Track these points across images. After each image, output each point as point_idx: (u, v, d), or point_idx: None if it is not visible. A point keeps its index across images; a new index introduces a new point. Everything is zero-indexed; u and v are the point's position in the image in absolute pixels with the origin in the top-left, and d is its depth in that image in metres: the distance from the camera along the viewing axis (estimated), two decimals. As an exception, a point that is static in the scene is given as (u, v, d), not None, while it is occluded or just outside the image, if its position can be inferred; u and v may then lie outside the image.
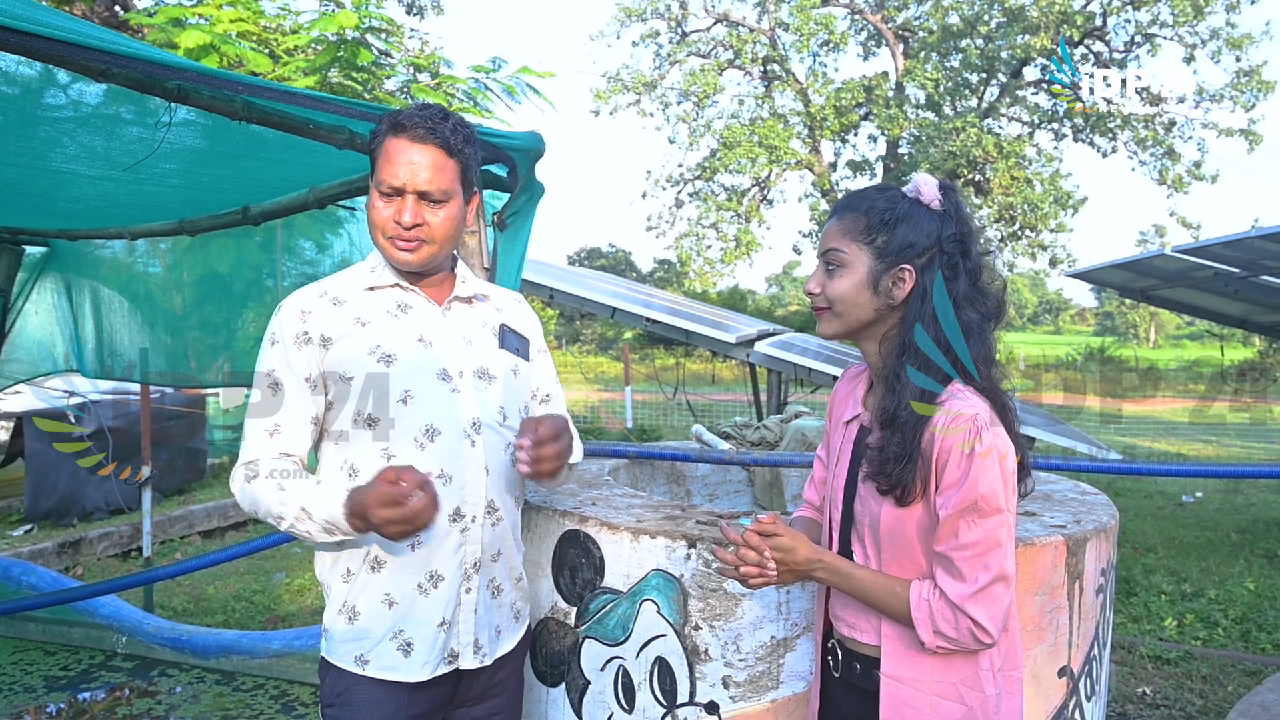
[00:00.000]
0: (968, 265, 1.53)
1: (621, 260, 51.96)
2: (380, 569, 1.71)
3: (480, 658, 1.80)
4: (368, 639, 1.71)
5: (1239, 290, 8.59)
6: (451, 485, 1.73)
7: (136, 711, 3.92)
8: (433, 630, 1.73)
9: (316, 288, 1.78)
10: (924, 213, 1.54)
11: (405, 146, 1.69)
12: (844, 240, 1.55)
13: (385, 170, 1.69)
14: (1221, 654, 4.68)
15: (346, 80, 5.33)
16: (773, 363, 7.63)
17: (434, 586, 1.72)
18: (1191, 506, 8.98)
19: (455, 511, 1.73)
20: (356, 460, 1.72)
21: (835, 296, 1.56)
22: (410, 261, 1.73)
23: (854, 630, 1.61)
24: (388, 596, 1.71)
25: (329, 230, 3.53)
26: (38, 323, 4.60)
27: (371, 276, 1.80)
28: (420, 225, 1.70)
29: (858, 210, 1.56)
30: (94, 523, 7.06)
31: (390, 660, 1.71)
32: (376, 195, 1.71)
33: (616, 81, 23.66)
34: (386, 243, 1.72)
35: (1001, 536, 1.44)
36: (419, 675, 1.72)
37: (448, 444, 1.73)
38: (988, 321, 1.54)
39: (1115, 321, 63.75)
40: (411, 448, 1.71)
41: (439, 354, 1.76)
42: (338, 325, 1.72)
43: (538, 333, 2.01)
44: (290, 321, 1.72)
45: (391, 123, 1.71)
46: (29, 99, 2.25)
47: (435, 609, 1.72)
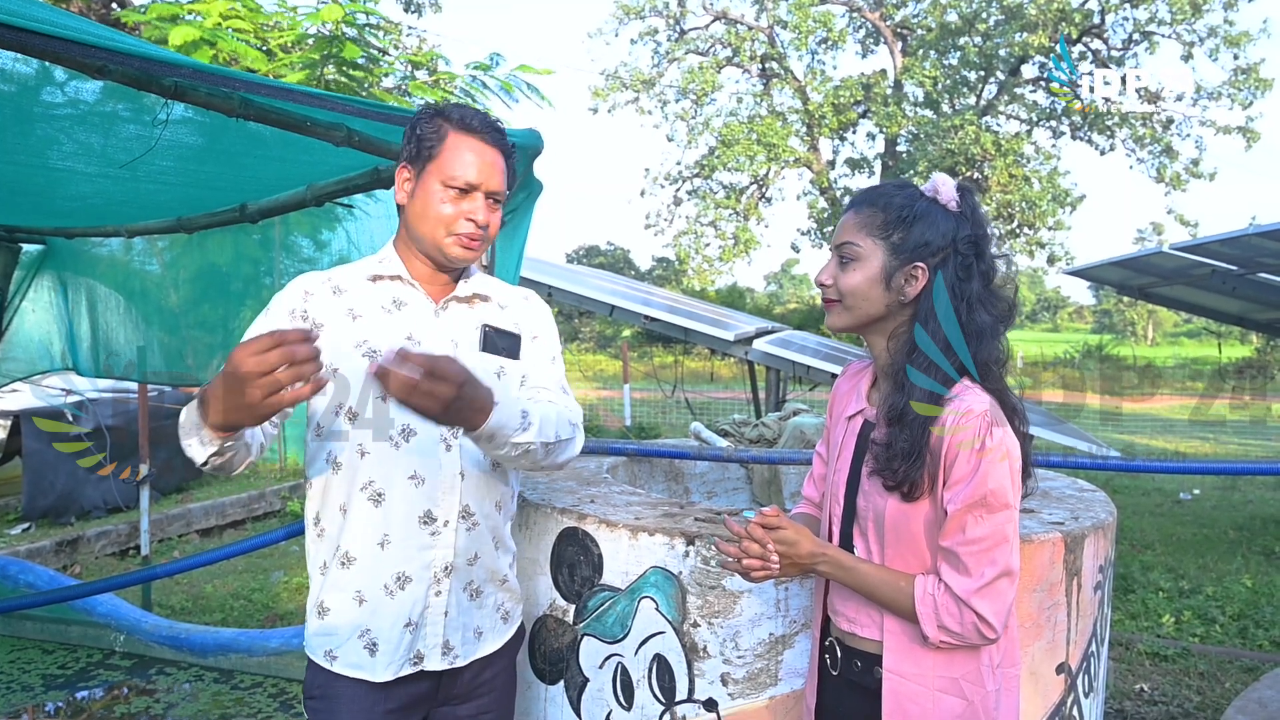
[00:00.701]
0: (981, 267, 1.54)
1: (620, 258, 51.92)
2: (350, 565, 1.70)
3: (450, 659, 1.78)
4: (337, 635, 1.72)
5: (1236, 288, 8.59)
6: (423, 488, 1.72)
7: (134, 710, 3.92)
8: (398, 631, 1.72)
9: (325, 273, 1.78)
10: (940, 212, 1.54)
11: (477, 146, 1.70)
12: (860, 234, 1.56)
13: (458, 166, 1.68)
14: (1219, 650, 4.68)
15: (341, 77, 5.32)
16: (771, 360, 7.63)
17: (400, 588, 1.71)
18: (1189, 504, 8.99)
19: (426, 514, 1.72)
20: (338, 454, 1.71)
21: (847, 290, 1.56)
22: (469, 260, 1.75)
23: (854, 625, 1.61)
24: (359, 594, 1.71)
25: (326, 228, 3.52)
26: (35, 321, 4.60)
27: (379, 266, 1.78)
28: (486, 225, 1.72)
29: (875, 205, 1.56)
30: (92, 521, 7.05)
31: (356, 658, 1.71)
32: (441, 189, 1.69)
33: (615, 79, 23.65)
34: (448, 239, 1.70)
35: (1008, 532, 1.45)
36: (382, 676, 1.71)
37: (423, 445, 1.72)
38: (999, 324, 1.55)
39: (1113, 319, 63.78)
40: (386, 446, 1.70)
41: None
42: (331, 314, 1.72)
43: (549, 335, 1.93)
44: (291, 297, 1.72)
45: (458, 120, 1.71)
46: (26, 96, 2.24)
47: (401, 610, 1.71)
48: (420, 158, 1.71)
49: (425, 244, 1.73)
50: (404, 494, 1.71)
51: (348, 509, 1.71)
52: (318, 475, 1.74)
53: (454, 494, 1.74)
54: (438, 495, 1.73)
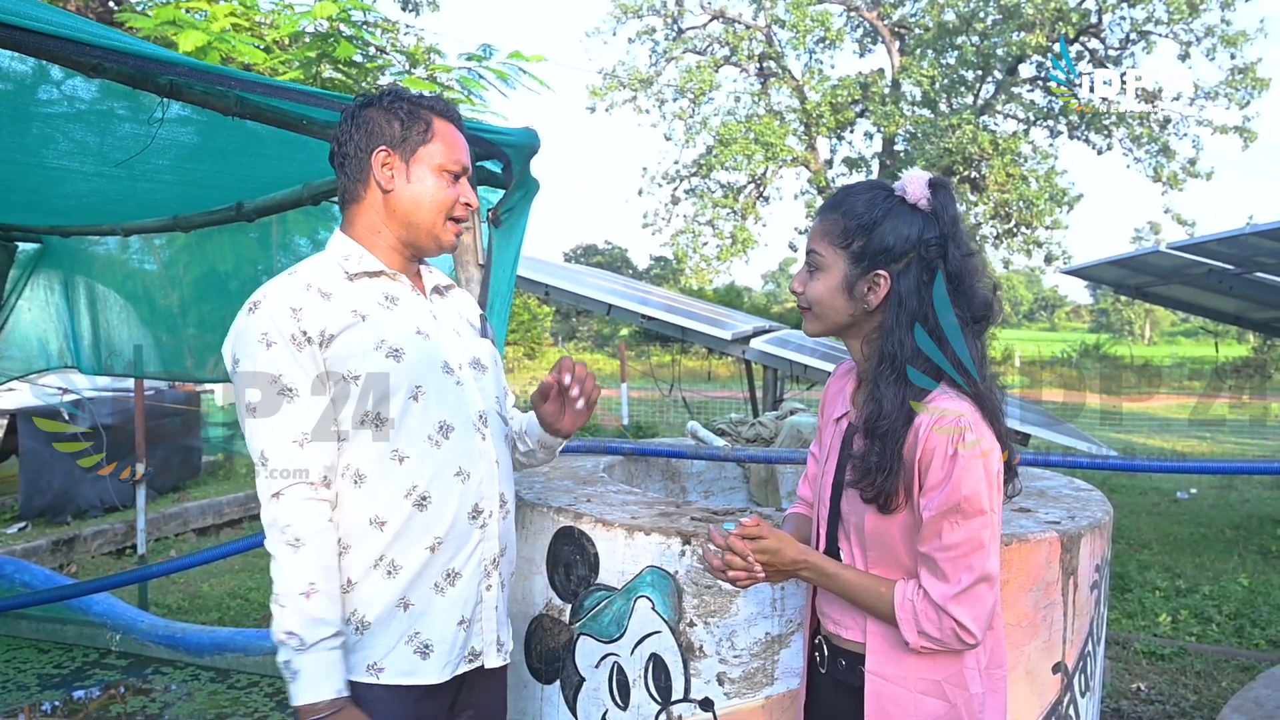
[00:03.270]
0: (947, 269, 1.50)
1: (617, 257, 51.94)
2: (396, 574, 1.61)
3: (504, 655, 1.76)
4: (380, 645, 1.61)
5: (1233, 287, 8.59)
6: (470, 482, 1.68)
7: (131, 709, 3.91)
8: (451, 630, 1.65)
9: (297, 280, 1.64)
10: (906, 214, 1.51)
11: (456, 132, 1.74)
12: (822, 242, 1.55)
13: (453, 151, 1.71)
14: (1215, 650, 4.69)
15: (337, 75, 5.31)
16: (768, 359, 7.62)
17: (451, 585, 1.65)
18: (1186, 503, 9.00)
19: (474, 508, 1.68)
20: (362, 465, 1.61)
21: (813, 299, 1.57)
22: (456, 245, 1.81)
23: (839, 627, 1.61)
24: (403, 599, 1.62)
25: (323, 226, 3.52)
26: (31, 320, 4.59)
27: (349, 264, 1.68)
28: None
29: (838, 211, 1.55)
30: (88, 520, 7.04)
31: (407, 664, 1.62)
32: (437, 174, 1.69)
33: (612, 78, 23.62)
34: (446, 224, 1.72)
35: (985, 538, 1.43)
36: (438, 676, 1.64)
37: (462, 440, 1.67)
38: (971, 325, 1.51)
39: (1110, 318, 63.84)
40: (425, 446, 1.63)
41: (438, 346, 1.70)
42: (335, 319, 1.60)
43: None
44: (283, 320, 1.57)
45: (439, 108, 1.73)
46: (22, 94, 2.23)
47: (454, 608, 1.66)
48: (409, 144, 1.68)
49: (418, 231, 1.70)
50: (452, 491, 1.65)
51: (386, 520, 1.60)
52: (336, 490, 1.63)
53: (494, 483, 1.73)
54: (482, 487, 1.70)
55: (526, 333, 27.97)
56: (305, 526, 1.55)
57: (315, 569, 1.54)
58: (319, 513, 1.57)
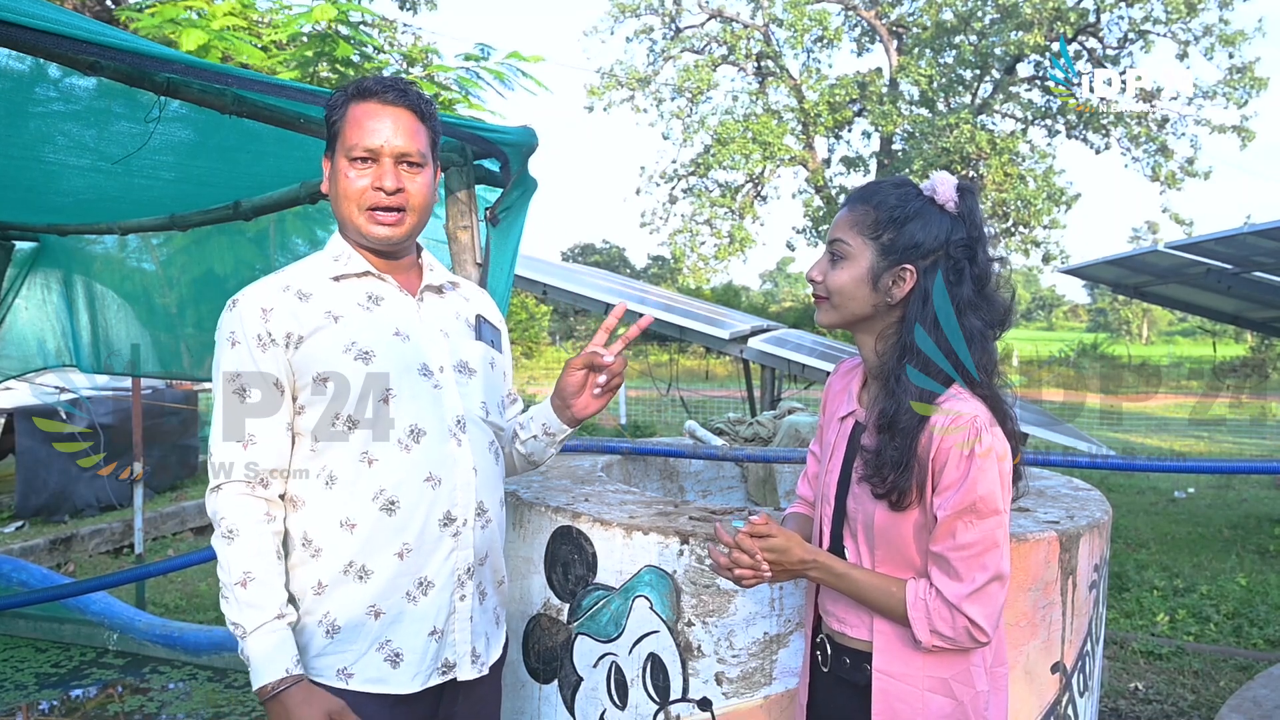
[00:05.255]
0: (973, 271, 1.51)
1: (615, 256, 51.96)
2: (367, 579, 1.59)
3: (479, 667, 1.70)
4: (351, 651, 1.60)
5: (1231, 286, 8.61)
6: (441, 488, 1.63)
7: (128, 709, 3.91)
8: (423, 640, 1.62)
9: (277, 280, 1.65)
10: (936, 213, 1.52)
11: (376, 110, 1.61)
12: (850, 232, 1.55)
13: (356, 134, 1.60)
14: (1213, 649, 4.69)
15: (334, 75, 5.30)
16: (766, 359, 7.62)
17: (423, 594, 1.62)
18: (1184, 502, 9.01)
19: (446, 515, 1.64)
20: (335, 467, 1.60)
21: (834, 288, 1.56)
22: (390, 237, 1.64)
23: (844, 626, 1.61)
24: (373, 607, 1.59)
25: (320, 226, 3.51)
26: (28, 318, 4.58)
27: (336, 265, 1.67)
28: (400, 191, 1.61)
29: (869, 203, 1.55)
30: (85, 519, 7.03)
31: (377, 672, 1.60)
32: (346, 164, 1.61)
33: (610, 77, 23.61)
34: (363, 216, 1.62)
35: (999, 537, 1.45)
36: (409, 687, 1.61)
37: (434, 444, 1.63)
38: (991, 329, 1.53)
39: (1108, 318, 63.87)
40: (395, 450, 1.60)
41: (418, 348, 1.67)
42: (306, 321, 1.60)
43: (504, 328, 1.95)
44: (251, 321, 1.59)
45: (356, 89, 1.64)
46: (20, 91, 2.23)
47: (425, 617, 1.62)
48: (331, 139, 1.65)
49: (349, 229, 1.67)
50: (422, 497, 1.61)
51: (356, 524, 1.59)
52: (307, 491, 1.62)
53: (469, 491, 1.67)
54: (455, 494, 1.65)
55: (524, 332, 27.96)
56: (239, 519, 1.57)
57: (250, 557, 1.55)
58: (254, 507, 1.59)
